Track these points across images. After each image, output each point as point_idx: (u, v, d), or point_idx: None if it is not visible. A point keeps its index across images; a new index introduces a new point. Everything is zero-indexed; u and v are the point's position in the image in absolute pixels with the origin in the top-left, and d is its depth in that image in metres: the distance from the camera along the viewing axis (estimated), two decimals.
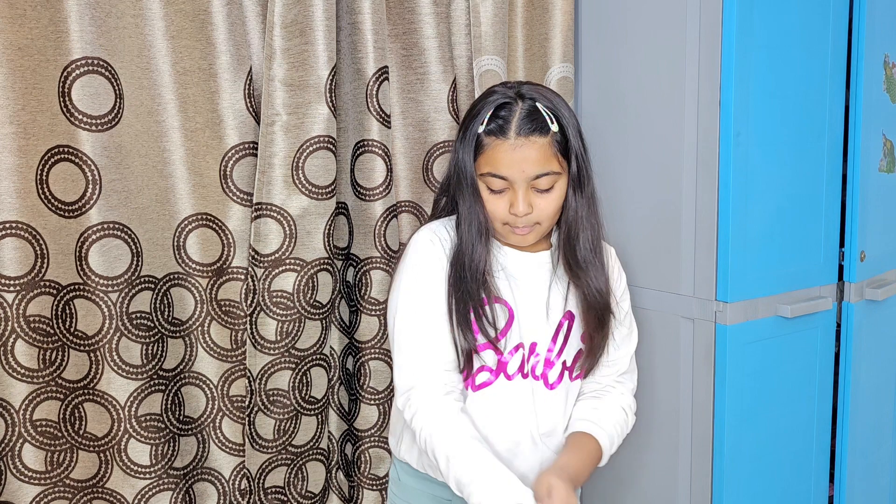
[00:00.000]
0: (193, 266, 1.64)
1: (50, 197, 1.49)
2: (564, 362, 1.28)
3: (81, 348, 1.54)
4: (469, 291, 1.21)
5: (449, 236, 1.25)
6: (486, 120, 1.18)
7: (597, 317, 1.27)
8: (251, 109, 1.62)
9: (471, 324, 1.21)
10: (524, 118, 1.17)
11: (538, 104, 1.19)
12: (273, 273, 1.63)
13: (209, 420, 1.70)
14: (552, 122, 1.18)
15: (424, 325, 1.21)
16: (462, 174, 1.20)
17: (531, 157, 1.17)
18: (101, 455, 1.58)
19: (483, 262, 1.21)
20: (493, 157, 1.18)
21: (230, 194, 1.64)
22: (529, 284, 1.27)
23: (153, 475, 1.61)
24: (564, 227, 1.25)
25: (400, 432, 1.34)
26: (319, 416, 1.74)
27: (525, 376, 1.26)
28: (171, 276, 1.63)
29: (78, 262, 1.52)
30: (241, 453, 1.71)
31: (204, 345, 1.67)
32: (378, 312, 1.72)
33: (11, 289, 1.47)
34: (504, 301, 1.24)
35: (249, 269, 1.63)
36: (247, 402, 1.66)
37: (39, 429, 1.53)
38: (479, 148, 1.19)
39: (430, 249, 1.23)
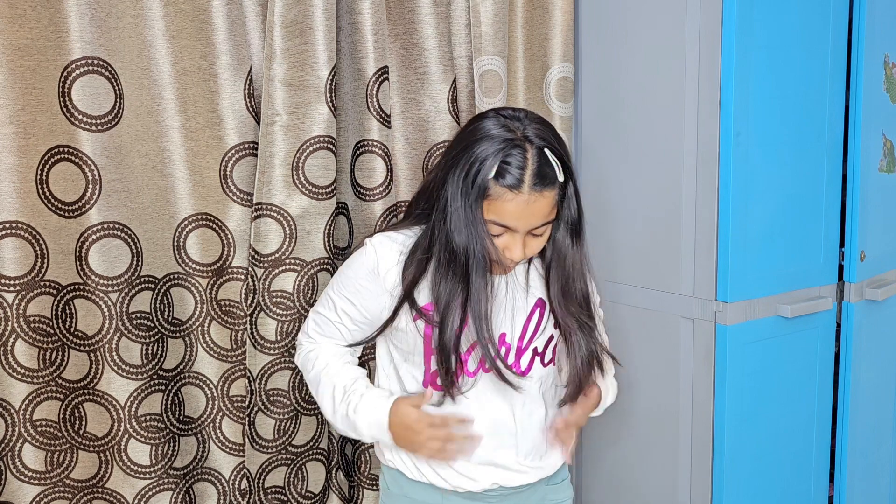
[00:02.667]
0: (193, 266, 1.64)
1: (50, 197, 1.49)
2: (535, 348, 1.29)
3: (81, 348, 1.54)
4: (475, 271, 1.17)
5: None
6: (496, 167, 1.13)
7: (586, 371, 1.27)
8: (251, 109, 1.62)
9: (462, 322, 1.19)
10: (537, 171, 1.14)
11: (546, 151, 1.15)
12: (273, 273, 1.63)
13: (209, 420, 1.70)
14: (560, 173, 1.16)
15: (344, 314, 1.30)
16: (456, 214, 1.16)
17: (541, 211, 1.16)
18: (101, 455, 1.58)
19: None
20: (502, 209, 1.15)
21: (230, 194, 1.64)
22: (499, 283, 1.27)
23: (153, 475, 1.61)
24: (560, 277, 1.25)
25: None
26: (319, 416, 1.74)
27: (487, 370, 1.25)
28: (171, 276, 1.63)
29: (78, 262, 1.52)
30: (241, 453, 1.71)
31: (204, 345, 1.67)
32: None
33: (11, 289, 1.47)
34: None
35: (249, 269, 1.63)
36: (247, 402, 1.66)
37: (39, 429, 1.54)
38: (485, 192, 1.15)
39: (382, 254, 1.25)
